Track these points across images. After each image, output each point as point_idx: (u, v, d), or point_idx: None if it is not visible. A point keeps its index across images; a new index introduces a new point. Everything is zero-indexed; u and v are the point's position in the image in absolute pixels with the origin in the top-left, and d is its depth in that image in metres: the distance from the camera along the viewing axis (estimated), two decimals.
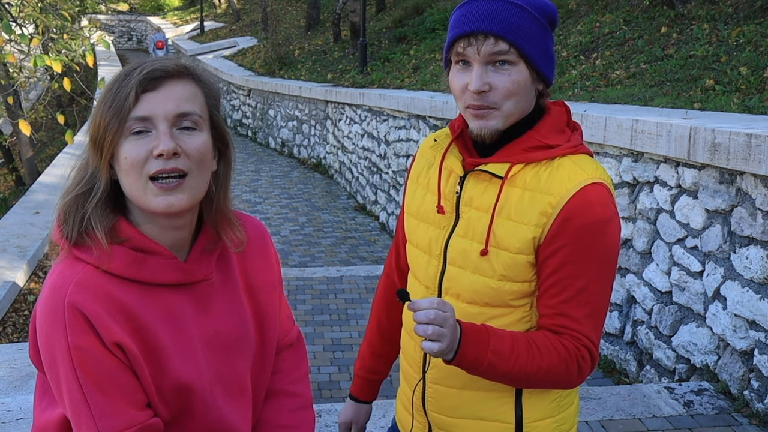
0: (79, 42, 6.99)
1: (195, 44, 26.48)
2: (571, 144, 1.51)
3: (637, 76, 6.76)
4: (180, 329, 1.33)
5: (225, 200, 1.39)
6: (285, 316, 1.60)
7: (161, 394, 1.31)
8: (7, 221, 7.87)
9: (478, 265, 1.51)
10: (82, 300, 1.24)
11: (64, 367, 1.25)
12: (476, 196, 1.52)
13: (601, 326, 1.49)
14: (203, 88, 1.32)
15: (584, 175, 1.46)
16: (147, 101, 1.25)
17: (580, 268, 1.43)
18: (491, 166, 1.50)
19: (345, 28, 17.57)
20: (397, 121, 9.32)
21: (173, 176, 1.26)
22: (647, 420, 3.56)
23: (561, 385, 1.48)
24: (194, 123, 1.28)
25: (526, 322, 1.52)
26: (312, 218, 10.19)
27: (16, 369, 4.20)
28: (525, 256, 1.47)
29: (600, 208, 1.44)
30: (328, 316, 5.82)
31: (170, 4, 38.97)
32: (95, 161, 1.28)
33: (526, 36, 1.43)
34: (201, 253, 1.37)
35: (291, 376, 1.59)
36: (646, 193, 4.37)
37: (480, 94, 1.45)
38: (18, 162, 18.28)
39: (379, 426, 3.45)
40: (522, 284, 1.50)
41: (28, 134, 5.47)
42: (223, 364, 1.39)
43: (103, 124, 1.25)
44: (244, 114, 18.22)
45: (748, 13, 6.91)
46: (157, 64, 1.27)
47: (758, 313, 3.54)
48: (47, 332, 1.26)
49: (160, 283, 1.32)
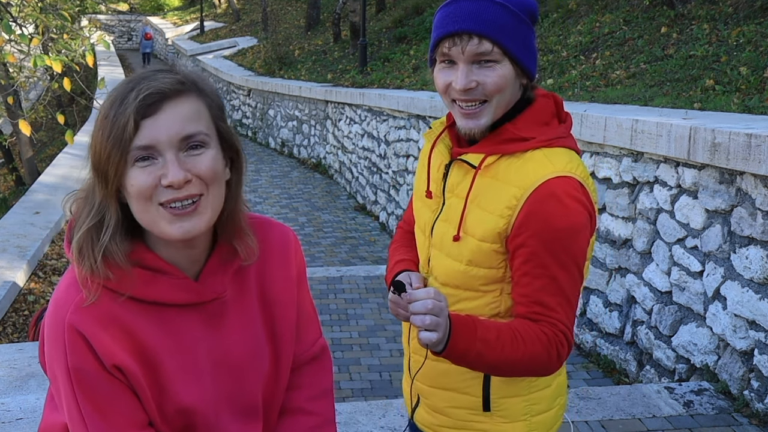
0: (79, 42, 6.99)
1: (195, 44, 26.47)
2: (545, 137, 1.53)
3: (637, 76, 6.76)
4: (187, 351, 1.30)
5: (237, 208, 1.32)
6: (309, 328, 1.52)
7: (163, 415, 1.29)
8: (7, 221, 7.87)
9: (450, 249, 1.58)
10: (81, 321, 1.21)
11: (63, 386, 1.25)
12: (456, 183, 1.60)
13: (574, 312, 1.53)
14: (205, 99, 1.24)
15: (550, 168, 1.49)
16: (148, 128, 1.17)
17: (547, 259, 1.47)
18: (469, 156, 1.56)
19: (345, 28, 17.57)
20: (397, 121, 9.31)
21: (187, 202, 1.20)
22: (647, 420, 3.56)
23: (542, 371, 1.52)
24: (201, 142, 1.21)
25: (494, 308, 1.58)
26: (312, 218, 10.20)
27: (16, 369, 4.20)
28: (489, 245, 1.52)
29: (564, 200, 1.47)
30: (328, 316, 5.82)
31: (170, 4, 38.96)
32: (101, 191, 1.21)
33: (509, 34, 1.47)
34: (215, 271, 1.32)
35: (309, 393, 1.51)
36: (646, 193, 4.37)
37: (466, 92, 1.49)
38: (18, 162, 18.28)
39: (379, 426, 3.44)
40: (488, 270, 1.55)
41: (28, 134, 5.47)
42: (232, 385, 1.35)
43: (104, 154, 1.18)
44: (244, 114, 18.22)
45: (748, 13, 6.91)
46: (153, 86, 1.18)
47: (758, 313, 3.54)
48: (50, 347, 1.26)
49: (169, 303, 1.27)
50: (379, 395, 4.44)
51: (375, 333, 5.47)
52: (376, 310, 5.93)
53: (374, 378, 4.73)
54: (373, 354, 5.11)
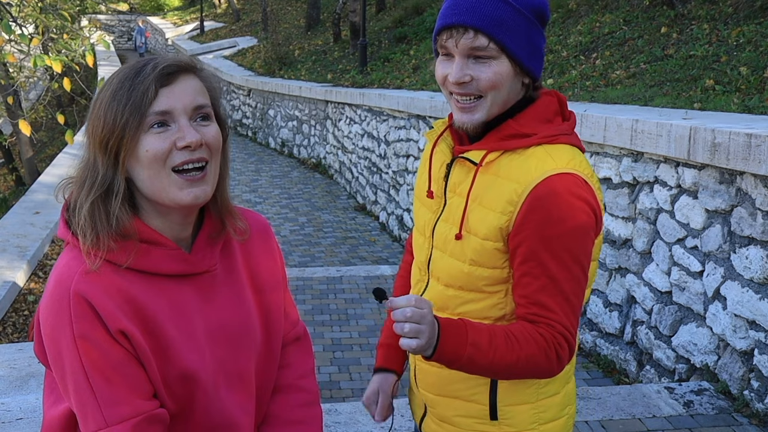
0: (79, 42, 6.99)
1: (195, 44, 26.48)
2: (547, 133, 1.51)
3: (637, 76, 6.76)
4: (185, 320, 1.34)
5: (226, 190, 1.41)
6: (291, 309, 1.60)
7: (167, 385, 1.32)
8: (7, 221, 7.87)
9: (453, 249, 1.55)
10: (87, 289, 1.26)
11: (69, 357, 1.26)
12: (458, 182, 1.57)
13: (576, 313, 1.49)
14: (206, 82, 1.36)
15: (552, 164, 1.46)
16: (165, 96, 1.27)
17: (547, 258, 1.44)
18: (470, 153, 1.53)
19: (345, 28, 17.57)
20: (397, 121, 9.32)
21: (198, 167, 1.30)
22: (647, 420, 3.56)
23: (542, 374, 1.49)
24: (207, 114, 1.33)
25: (500, 309, 1.54)
26: (312, 218, 10.20)
27: (16, 369, 4.20)
28: (492, 243, 1.49)
29: (566, 197, 1.43)
30: (328, 316, 5.82)
31: (170, 4, 38.96)
32: (108, 163, 1.28)
33: (508, 30, 1.44)
34: (205, 244, 1.39)
35: (299, 371, 1.59)
36: (646, 193, 4.37)
37: (460, 85, 1.47)
38: (18, 162, 18.30)
39: (379, 426, 3.45)
40: (492, 270, 1.51)
41: (28, 134, 5.47)
42: (227, 355, 1.40)
43: (119, 123, 1.26)
44: (244, 114, 18.22)
45: (748, 13, 6.91)
46: (168, 60, 1.30)
47: (758, 313, 3.54)
48: (53, 322, 1.27)
49: (164, 273, 1.33)
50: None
51: (375, 333, 5.47)
52: (376, 310, 5.94)
53: None
54: (373, 354, 5.10)
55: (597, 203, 1.50)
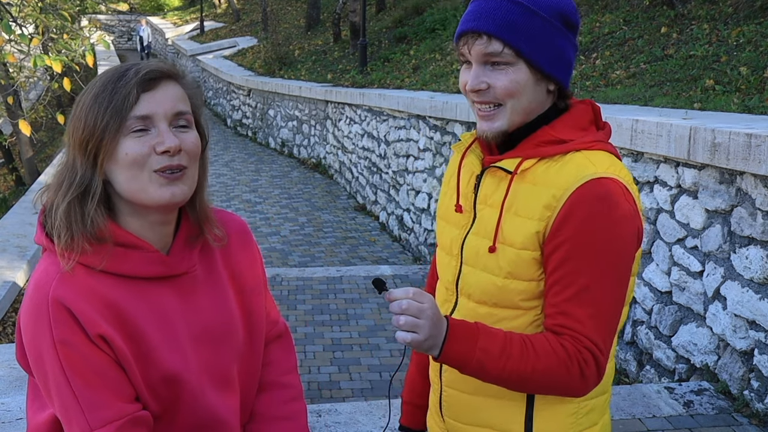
0: (79, 42, 6.99)
1: (195, 44, 26.47)
2: (586, 139, 1.45)
3: (637, 76, 6.76)
4: (166, 322, 1.35)
5: (204, 194, 1.43)
6: (271, 309, 1.62)
7: (150, 387, 1.33)
8: (7, 221, 7.88)
9: (486, 262, 1.47)
10: (65, 294, 1.26)
11: (50, 363, 1.27)
12: (490, 193, 1.49)
13: (610, 331, 1.39)
14: (187, 89, 1.37)
15: (592, 169, 1.39)
16: (147, 101, 1.29)
17: (583, 265, 1.36)
18: (504, 162, 1.46)
19: (345, 28, 17.56)
20: (397, 121, 9.32)
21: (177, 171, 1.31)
22: (647, 420, 3.56)
23: (561, 390, 1.39)
24: (187, 121, 1.34)
25: (536, 327, 1.45)
26: (312, 218, 10.19)
27: (15, 369, 4.20)
28: (530, 252, 1.41)
29: (607, 202, 1.36)
30: (328, 316, 5.82)
31: (170, 4, 38.96)
32: (87, 164, 1.29)
33: (525, 35, 1.38)
34: (183, 246, 1.40)
35: (281, 368, 1.61)
36: (646, 193, 4.37)
37: (477, 93, 1.43)
38: (18, 162, 18.30)
39: (379, 426, 3.45)
40: (528, 283, 1.43)
41: (28, 134, 5.47)
42: (211, 356, 1.41)
43: (99, 125, 1.27)
44: (244, 114, 18.22)
45: (748, 13, 6.91)
46: (151, 66, 1.31)
47: (758, 313, 3.54)
48: (33, 329, 1.28)
49: (143, 276, 1.34)
50: (379, 395, 4.45)
51: (375, 333, 5.47)
52: (376, 310, 5.93)
53: (374, 378, 4.73)
54: (373, 354, 5.11)
55: (638, 213, 1.42)
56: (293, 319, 5.67)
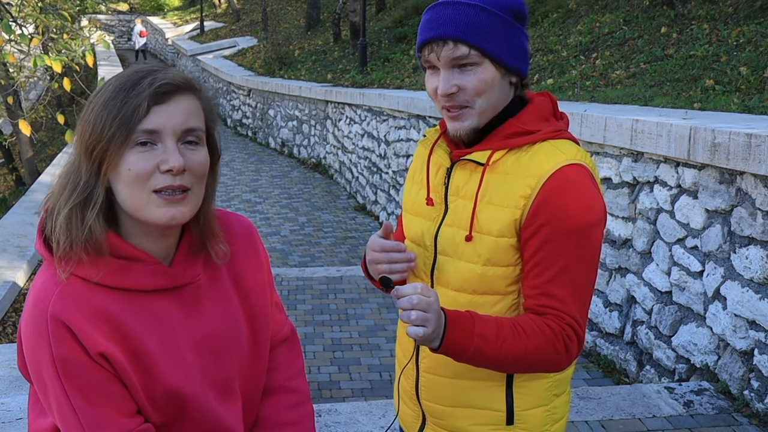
0: (79, 42, 6.99)
1: (195, 44, 26.47)
2: (552, 129, 1.53)
3: (637, 76, 6.76)
4: (168, 335, 1.33)
5: (211, 209, 1.39)
6: (277, 311, 1.59)
7: (152, 400, 1.31)
8: (7, 221, 7.88)
9: (463, 251, 1.54)
10: (64, 311, 1.24)
11: (50, 379, 1.25)
12: (462, 185, 1.56)
13: (586, 306, 1.49)
14: (203, 102, 1.33)
15: (562, 157, 1.48)
16: (157, 114, 1.24)
17: (560, 247, 1.45)
18: (475, 155, 1.54)
19: (345, 28, 17.56)
20: (397, 121, 9.32)
21: (178, 192, 1.27)
22: (647, 420, 3.56)
23: (551, 367, 1.49)
24: (198, 138, 1.29)
25: (515, 309, 1.54)
26: (312, 218, 10.20)
27: (15, 369, 4.20)
28: (507, 239, 1.49)
29: (579, 186, 1.46)
30: (328, 316, 5.82)
31: (170, 4, 38.96)
32: (91, 170, 1.26)
33: (486, 35, 1.46)
34: (186, 257, 1.37)
35: (288, 372, 1.58)
36: (646, 193, 4.37)
37: (449, 96, 1.49)
38: (18, 162, 18.30)
39: (379, 426, 3.45)
40: (506, 268, 1.51)
41: (28, 134, 5.47)
42: (213, 366, 1.39)
43: (106, 134, 1.23)
44: (244, 114, 18.22)
45: (748, 13, 6.91)
46: (167, 77, 1.26)
47: (758, 313, 3.54)
48: (32, 344, 1.26)
49: (145, 289, 1.31)
50: (379, 395, 4.44)
51: (375, 333, 5.47)
52: (376, 310, 5.93)
53: (374, 378, 4.73)
54: (373, 354, 5.11)
55: (602, 197, 1.52)
56: (293, 319, 5.66)
